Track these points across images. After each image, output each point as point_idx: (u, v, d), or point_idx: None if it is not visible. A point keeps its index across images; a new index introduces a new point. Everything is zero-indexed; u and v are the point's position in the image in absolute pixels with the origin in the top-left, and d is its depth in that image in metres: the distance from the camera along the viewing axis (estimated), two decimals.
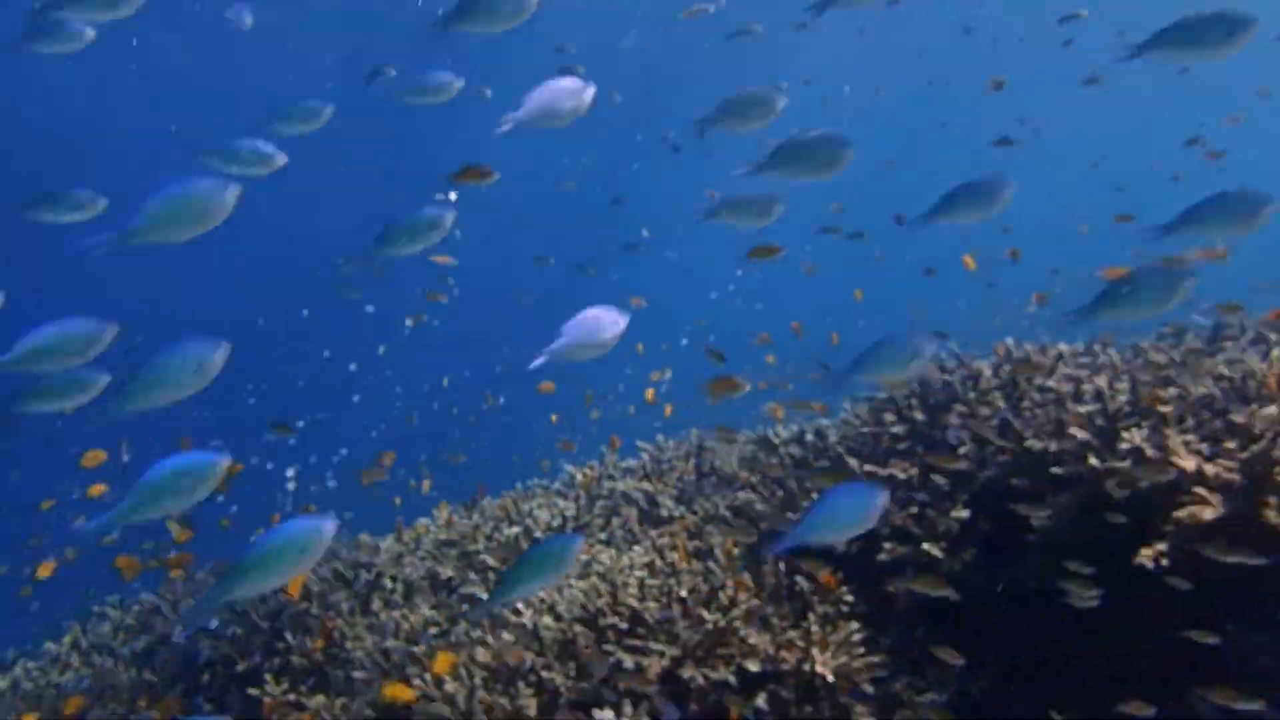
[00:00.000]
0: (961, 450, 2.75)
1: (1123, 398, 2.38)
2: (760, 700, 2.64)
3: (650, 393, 4.82)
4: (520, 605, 3.10)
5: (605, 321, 2.43)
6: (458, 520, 4.41)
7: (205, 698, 3.29)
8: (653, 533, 3.44)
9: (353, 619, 3.50)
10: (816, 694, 2.61)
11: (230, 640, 3.41)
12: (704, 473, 4.10)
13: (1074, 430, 2.36)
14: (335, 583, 3.75)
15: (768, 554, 2.61)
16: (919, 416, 2.97)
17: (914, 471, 2.84)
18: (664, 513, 3.79)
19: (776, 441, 3.39)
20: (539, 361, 2.37)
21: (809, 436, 3.41)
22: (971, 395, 2.83)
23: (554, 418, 5.97)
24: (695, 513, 3.80)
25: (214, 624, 2.85)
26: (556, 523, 3.95)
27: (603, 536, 3.86)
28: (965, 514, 2.62)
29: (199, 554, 4.71)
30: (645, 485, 4.00)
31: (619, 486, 4.12)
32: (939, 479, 2.75)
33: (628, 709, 2.68)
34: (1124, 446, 2.25)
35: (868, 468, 2.92)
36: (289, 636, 3.37)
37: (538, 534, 3.92)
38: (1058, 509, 2.42)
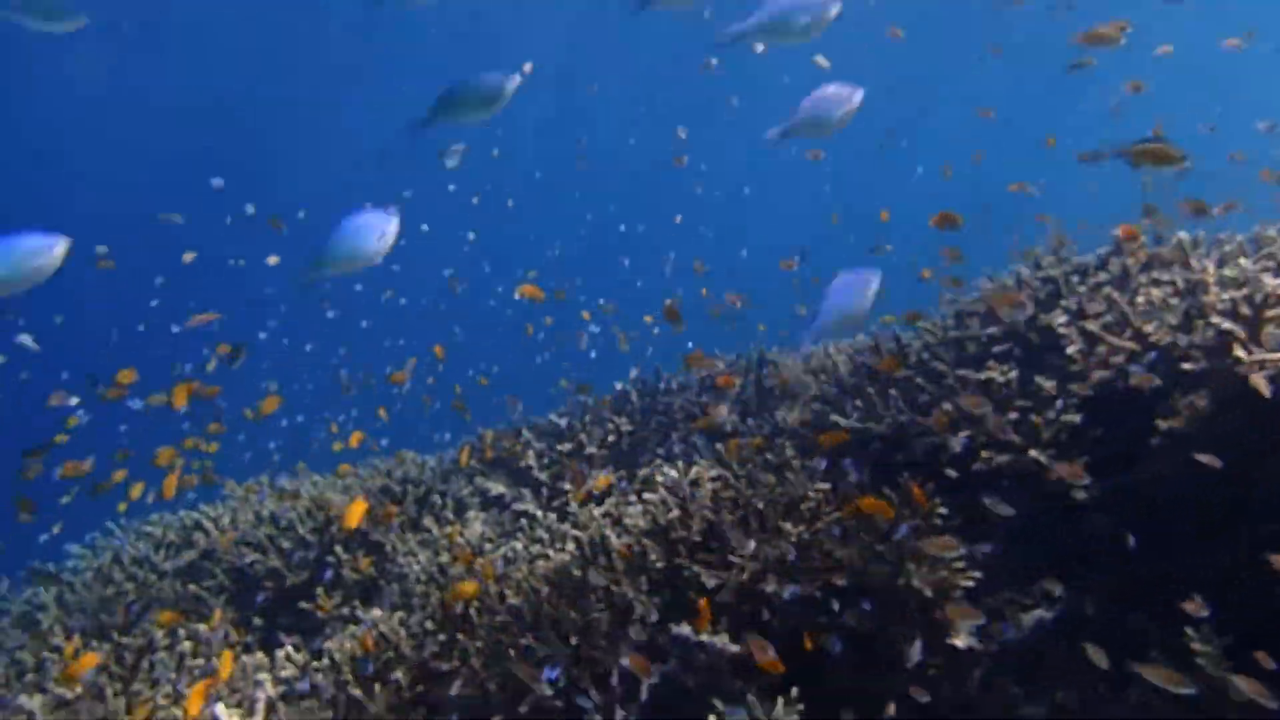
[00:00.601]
0: (1070, 349, 2.51)
1: (1271, 282, 2.11)
2: (849, 618, 2.46)
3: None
4: (583, 520, 2.93)
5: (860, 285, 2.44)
6: (503, 439, 4.24)
7: (255, 612, 3.17)
8: (719, 446, 3.23)
9: (403, 535, 3.36)
10: (909, 611, 2.42)
11: (280, 554, 3.28)
12: (766, 387, 3.88)
13: (1216, 319, 2.10)
14: (383, 499, 3.60)
15: None
16: (1017, 316, 2.72)
17: (1013, 375, 2.60)
18: (726, 427, 3.59)
19: (854, 351, 3.16)
20: (814, 329, 2.48)
21: (887, 345, 3.17)
22: (1082, 289, 2.58)
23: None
24: (761, 426, 3.60)
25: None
26: (612, 439, 3.77)
27: (660, 451, 3.68)
28: (1076, 418, 2.39)
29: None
30: (703, 399, 3.80)
31: (676, 402, 3.92)
32: (1044, 381, 2.51)
33: (707, 625, 2.51)
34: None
35: (961, 372, 2.68)
36: (340, 551, 3.23)
37: (590, 450, 3.75)
38: (1188, 409, 2.18)
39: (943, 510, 2.56)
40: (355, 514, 3.31)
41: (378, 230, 2.37)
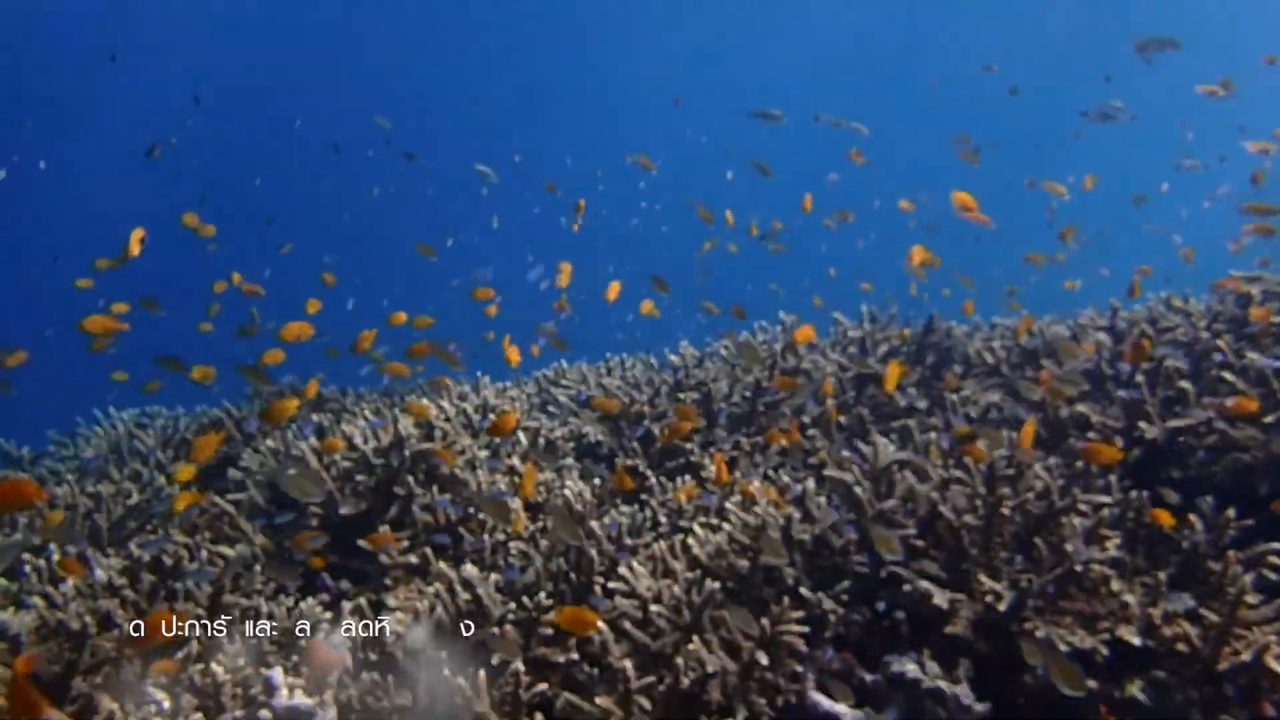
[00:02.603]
0: None
1: None
2: (1135, 688, 1.81)
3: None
4: (754, 489, 2.24)
5: None
6: (599, 373, 3.54)
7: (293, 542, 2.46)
8: (909, 423, 2.54)
9: (483, 474, 2.66)
10: (1223, 694, 1.76)
11: (337, 476, 2.58)
12: (931, 358, 3.18)
13: None
14: (459, 425, 2.90)
15: None
16: None
17: None
18: (901, 401, 2.90)
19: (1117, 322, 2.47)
20: None
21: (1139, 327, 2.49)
22: None
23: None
24: (933, 409, 2.91)
25: None
26: (747, 394, 3.08)
27: (807, 416, 2.97)
28: None
29: None
30: (863, 365, 3.10)
31: (821, 361, 3.21)
32: None
33: (932, 663, 1.85)
34: None
35: None
36: (411, 481, 2.54)
37: (720, 405, 3.06)
38: None
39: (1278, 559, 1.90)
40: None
41: None
